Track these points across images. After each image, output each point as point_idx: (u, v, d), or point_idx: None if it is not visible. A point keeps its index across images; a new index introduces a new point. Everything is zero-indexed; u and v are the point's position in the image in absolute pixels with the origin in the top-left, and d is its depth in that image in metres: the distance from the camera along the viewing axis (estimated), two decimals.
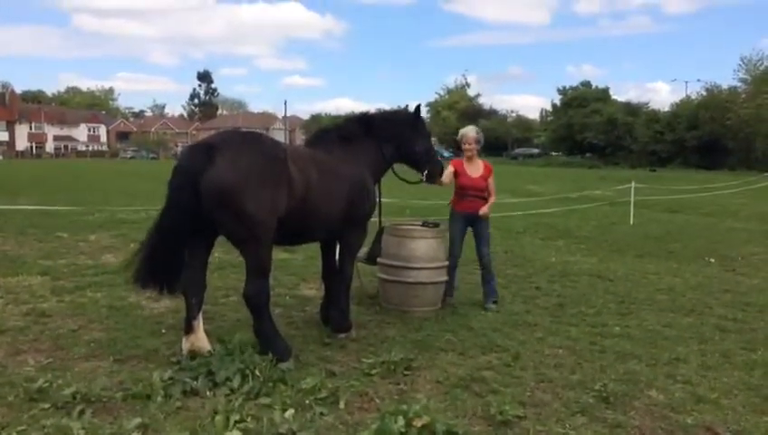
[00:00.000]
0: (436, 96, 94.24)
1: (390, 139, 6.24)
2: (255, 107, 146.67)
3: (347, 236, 5.95)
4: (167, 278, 5.05)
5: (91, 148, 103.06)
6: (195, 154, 4.96)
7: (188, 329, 5.06)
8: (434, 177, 6.61)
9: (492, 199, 7.22)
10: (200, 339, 5.07)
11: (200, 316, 5.13)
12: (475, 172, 7.15)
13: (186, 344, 5.06)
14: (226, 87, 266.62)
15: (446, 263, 6.94)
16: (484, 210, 7.03)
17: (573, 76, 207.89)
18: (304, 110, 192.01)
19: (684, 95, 70.24)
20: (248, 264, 5.00)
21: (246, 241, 4.92)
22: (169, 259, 4.95)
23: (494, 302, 7.05)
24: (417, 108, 6.50)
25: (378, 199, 6.24)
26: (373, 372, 4.89)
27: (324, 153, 5.72)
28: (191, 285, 5.05)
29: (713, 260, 10.68)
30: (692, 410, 4.38)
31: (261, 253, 4.97)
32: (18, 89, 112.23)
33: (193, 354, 4.96)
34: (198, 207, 4.75)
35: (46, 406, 4.08)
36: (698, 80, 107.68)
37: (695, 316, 6.92)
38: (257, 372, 4.57)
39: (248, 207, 4.71)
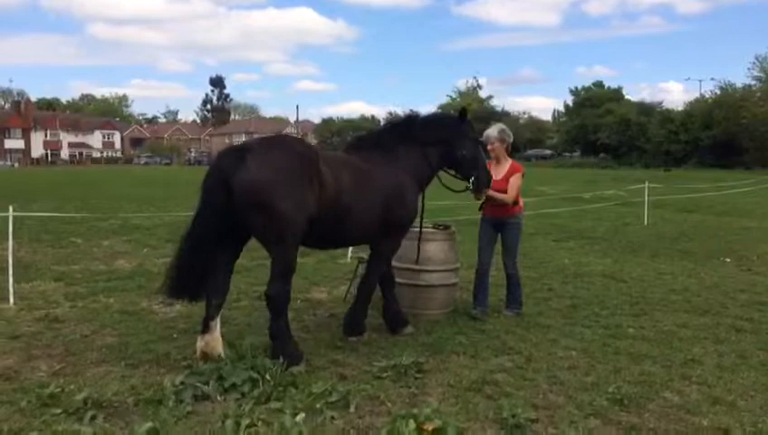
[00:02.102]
0: (448, 99, 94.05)
1: (435, 143, 5.99)
2: (267, 112, 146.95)
3: (378, 243, 5.87)
4: (199, 284, 5.10)
5: (105, 154, 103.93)
6: (227, 156, 5.05)
7: (205, 329, 5.10)
8: (482, 186, 6.20)
9: (505, 196, 6.64)
10: (215, 340, 5.11)
11: (218, 319, 5.16)
12: (500, 174, 6.72)
13: (200, 344, 5.10)
14: (239, 92, 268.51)
15: (458, 265, 6.89)
16: (489, 192, 6.41)
17: (585, 77, 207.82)
18: (316, 114, 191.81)
19: (698, 94, 69.81)
20: (274, 264, 5.03)
21: (275, 241, 4.96)
22: (203, 263, 5.00)
23: (517, 313, 6.80)
24: (463, 111, 6.19)
25: (421, 207, 6.05)
26: (384, 375, 4.87)
27: (361, 158, 5.67)
28: (214, 287, 5.12)
29: (728, 260, 10.55)
30: (708, 412, 4.31)
31: (287, 254, 5.00)
32: (33, 97, 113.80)
33: (204, 356, 4.99)
34: (230, 208, 4.82)
35: (58, 411, 4.10)
36: (712, 79, 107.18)
37: (710, 317, 6.83)
38: (268, 377, 4.56)
39: (278, 206, 4.77)
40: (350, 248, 9.36)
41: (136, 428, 3.86)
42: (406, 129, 6.05)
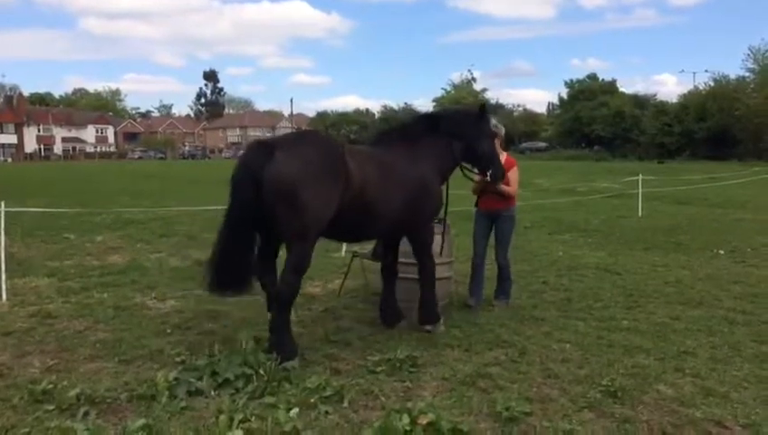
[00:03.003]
0: (442, 92, 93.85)
1: (460, 137, 6.14)
2: (262, 106, 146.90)
3: (416, 236, 5.99)
4: (240, 277, 5.18)
5: (99, 149, 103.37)
6: (256, 151, 5.14)
7: None
8: (497, 179, 6.43)
9: (508, 188, 6.80)
10: None
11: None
12: None
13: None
14: (233, 86, 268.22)
15: (452, 259, 6.89)
16: (500, 186, 6.65)
17: (580, 70, 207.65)
18: (310, 107, 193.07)
19: (691, 87, 69.76)
20: (290, 259, 5.06)
21: (297, 236, 4.99)
22: (239, 257, 5.09)
23: (506, 303, 6.92)
24: (483, 106, 6.40)
25: (446, 198, 6.19)
26: (378, 369, 4.87)
27: (385, 151, 5.75)
28: (266, 276, 5.31)
29: (722, 252, 10.57)
30: (701, 404, 4.33)
31: (305, 250, 5.05)
32: (26, 91, 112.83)
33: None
34: (260, 201, 4.89)
35: (51, 408, 4.09)
36: (706, 71, 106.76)
37: (704, 308, 6.85)
38: (262, 372, 4.56)
39: (305, 200, 4.84)
40: (345, 243, 9.34)
41: (129, 424, 3.85)
42: (433, 122, 6.19)
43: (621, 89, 75.15)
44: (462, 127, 6.18)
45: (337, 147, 5.30)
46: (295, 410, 4.05)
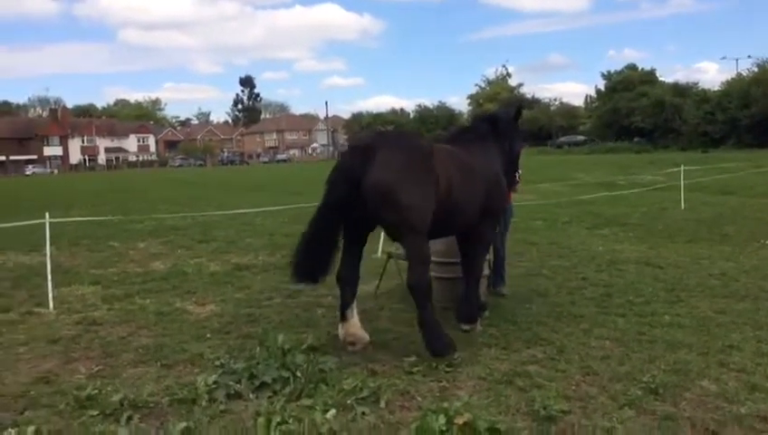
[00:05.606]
0: (477, 88, 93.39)
1: (512, 137, 6.43)
2: (297, 109, 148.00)
3: (481, 230, 6.02)
4: (319, 269, 5.39)
5: (141, 158, 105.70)
6: (355, 154, 5.34)
7: (343, 318, 5.47)
8: (515, 181, 6.68)
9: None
10: (354, 326, 5.46)
11: (354, 305, 5.49)
12: None
13: (341, 332, 5.46)
14: (269, 91, 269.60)
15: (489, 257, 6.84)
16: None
17: (616, 61, 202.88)
18: (345, 109, 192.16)
19: (734, 73, 67.90)
20: (409, 254, 5.26)
21: (408, 233, 5.16)
22: (322, 251, 5.34)
23: (506, 293, 7.11)
24: (519, 107, 6.63)
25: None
26: (415, 370, 4.86)
27: (463, 150, 5.87)
28: (346, 276, 5.48)
29: None
30: (746, 400, 4.21)
31: (420, 242, 5.20)
32: (69, 104, 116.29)
33: (351, 344, 5.38)
34: (355, 203, 5.08)
35: (95, 413, 4.19)
36: (749, 56, 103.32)
37: (749, 301, 6.67)
38: (299, 374, 4.60)
39: (408, 200, 5.00)
40: (381, 243, 9.37)
41: (170, 427, 3.93)
42: (493, 123, 6.35)
43: (661, 78, 73.60)
44: (509, 129, 6.42)
45: (429, 148, 5.47)
46: (332, 412, 4.08)
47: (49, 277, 7.21)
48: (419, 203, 5.06)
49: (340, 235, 5.38)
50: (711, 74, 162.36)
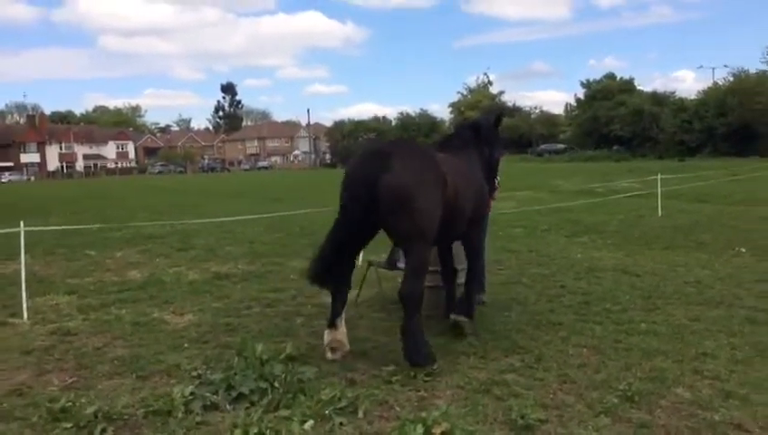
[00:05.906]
0: (459, 96, 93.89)
1: (493, 144, 6.57)
2: (279, 116, 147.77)
3: (473, 236, 6.17)
4: (339, 277, 5.47)
5: (119, 165, 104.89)
6: (368, 162, 5.31)
7: (331, 325, 5.46)
8: (494, 188, 6.86)
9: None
10: (341, 334, 5.47)
11: (343, 314, 5.52)
12: None
13: (327, 338, 5.46)
14: (250, 98, 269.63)
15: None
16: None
17: (596, 69, 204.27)
18: (327, 117, 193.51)
19: (710, 83, 68.91)
20: (410, 263, 5.24)
21: (416, 240, 5.16)
22: (343, 259, 5.44)
23: (485, 301, 7.06)
24: (499, 115, 6.80)
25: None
26: (393, 379, 4.85)
27: (454, 157, 5.94)
28: (339, 284, 5.50)
29: (744, 250, 10.41)
30: (720, 407, 4.26)
31: (424, 253, 5.25)
32: (47, 110, 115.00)
33: (333, 351, 5.40)
34: (371, 211, 5.09)
35: (69, 425, 4.12)
36: (725, 66, 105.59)
37: (724, 308, 6.75)
38: (277, 385, 4.57)
39: (422, 206, 5.05)
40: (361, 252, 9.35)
41: None
42: (476, 130, 6.47)
43: (639, 87, 74.52)
44: (489, 136, 6.53)
45: (435, 155, 5.55)
46: (310, 423, 4.06)
47: (23, 287, 7.11)
48: (433, 210, 5.13)
49: (360, 240, 5.48)
50: (688, 83, 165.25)
